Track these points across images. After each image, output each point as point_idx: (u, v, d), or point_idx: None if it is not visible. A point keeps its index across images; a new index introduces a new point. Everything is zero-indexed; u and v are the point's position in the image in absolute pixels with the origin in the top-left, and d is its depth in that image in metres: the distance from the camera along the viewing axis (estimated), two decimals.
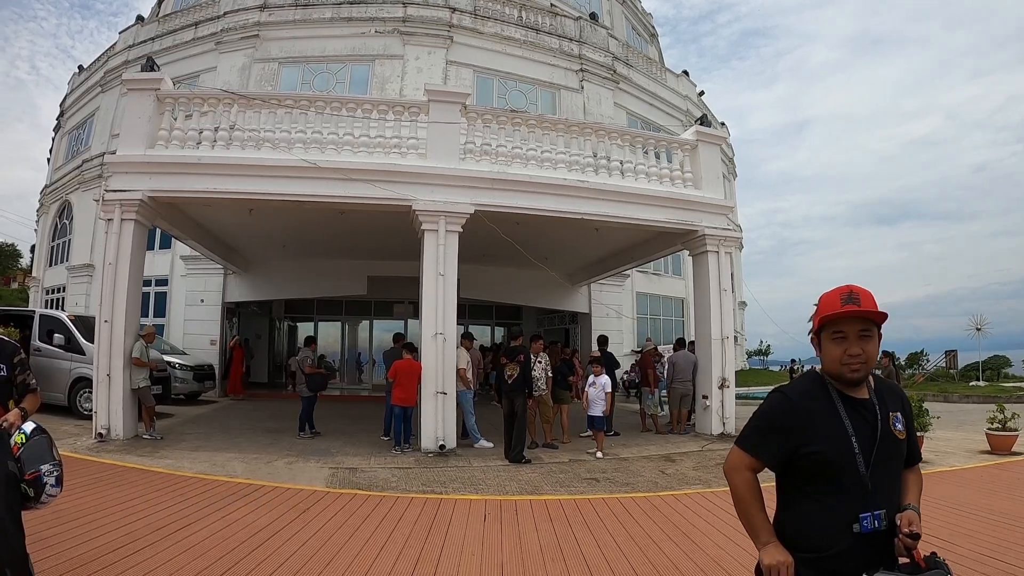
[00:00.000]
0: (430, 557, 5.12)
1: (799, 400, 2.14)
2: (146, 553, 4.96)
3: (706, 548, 5.38)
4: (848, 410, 2.10)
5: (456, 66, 21.30)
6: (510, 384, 10.22)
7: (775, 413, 2.18)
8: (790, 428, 2.11)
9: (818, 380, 2.20)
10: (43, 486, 3.15)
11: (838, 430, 2.07)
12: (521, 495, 7.49)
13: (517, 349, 10.64)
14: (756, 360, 45.79)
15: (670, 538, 5.69)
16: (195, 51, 22.48)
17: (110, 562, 4.68)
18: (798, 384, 2.27)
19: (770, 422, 2.18)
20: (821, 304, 2.15)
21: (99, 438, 9.95)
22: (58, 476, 3.23)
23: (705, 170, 12.73)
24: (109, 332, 10.25)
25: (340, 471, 8.63)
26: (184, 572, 4.60)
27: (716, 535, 5.77)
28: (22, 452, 3.15)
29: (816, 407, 2.11)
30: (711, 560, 5.06)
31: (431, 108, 11.04)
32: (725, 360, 12.24)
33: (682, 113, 27.18)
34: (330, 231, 14.65)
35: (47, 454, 3.22)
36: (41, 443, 3.24)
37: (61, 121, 29.85)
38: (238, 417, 14.23)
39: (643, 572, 4.83)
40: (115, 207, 10.40)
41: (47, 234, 28.17)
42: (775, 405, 2.19)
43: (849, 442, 2.05)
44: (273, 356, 24.78)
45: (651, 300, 25.84)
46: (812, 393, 2.16)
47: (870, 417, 2.10)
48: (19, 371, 3.51)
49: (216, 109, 11.16)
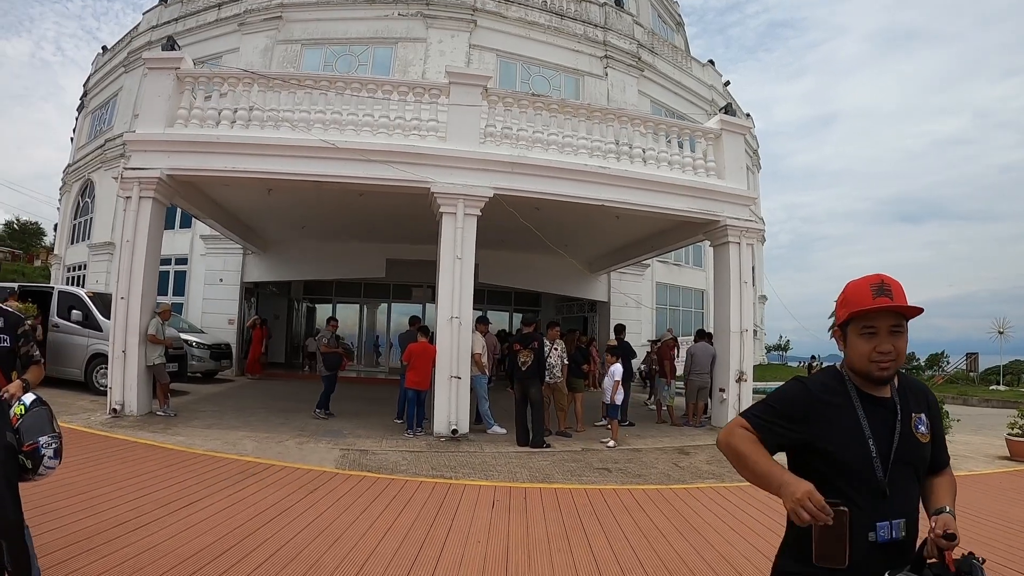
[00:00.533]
0: (435, 542, 5.06)
1: (818, 392, 2.00)
2: (151, 528, 4.96)
3: (716, 544, 5.26)
4: (867, 409, 1.96)
5: (479, 50, 21.10)
6: (524, 371, 10.24)
7: (790, 399, 2.04)
8: (802, 418, 1.97)
9: (837, 375, 2.06)
10: (41, 458, 3.14)
11: (854, 430, 1.93)
12: (531, 483, 7.40)
13: (531, 336, 10.57)
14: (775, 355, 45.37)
15: (680, 532, 5.57)
16: (218, 32, 22.48)
17: (114, 536, 4.68)
18: (817, 377, 2.11)
19: (783, 406, 2.04)
20: (848, 294, 1.98)
21: (113, 414, 10.01)
22: (56, 448, 3.22)
23: (728, 159, 12.48)
24: (125, 309, 10.30)
25: (351, 453, 8.60)
26: (186, 549, 4.58)
27: (727, 531, 5.65)
28: (21, 423, 3.14)
29: (834, 403, 1.98)
30: (720, 556, 4.94)
31: (452, 90, 10.92)
32: (743, 353, 12.05)
33: (707, 103, 26.81)
34: (349, 213, 14.61)
35: (46, 426, 3.21)
36: (40, 415, 3.22)
37: (84, 101, 30.15)
38: (253, 396, 14.27)
39: (650, 566, 4.72)
40: (133, 185, 10.44)
41: (69, 212, 28.58)
42: (793, 392, 2.06)
43: (866, 444, 1.91)
44: (291, 337, 24.86)
45: (671, 291, 25.60)
46: (831, 388, 2.02)
47: (890, 418, 1.97)
48: (23, 343, 3.45)
49: (236, 89, 11.11)
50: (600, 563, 4.74)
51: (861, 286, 1.95)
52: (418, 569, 4.44)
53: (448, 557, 4.73)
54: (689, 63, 27.87)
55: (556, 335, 11.14)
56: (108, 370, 10.46)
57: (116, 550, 4.40)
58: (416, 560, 4.62)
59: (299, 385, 17.13)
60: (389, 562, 4.55)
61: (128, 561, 4.25)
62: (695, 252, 26.31)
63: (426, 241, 11.19)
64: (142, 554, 4.42)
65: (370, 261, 19.21)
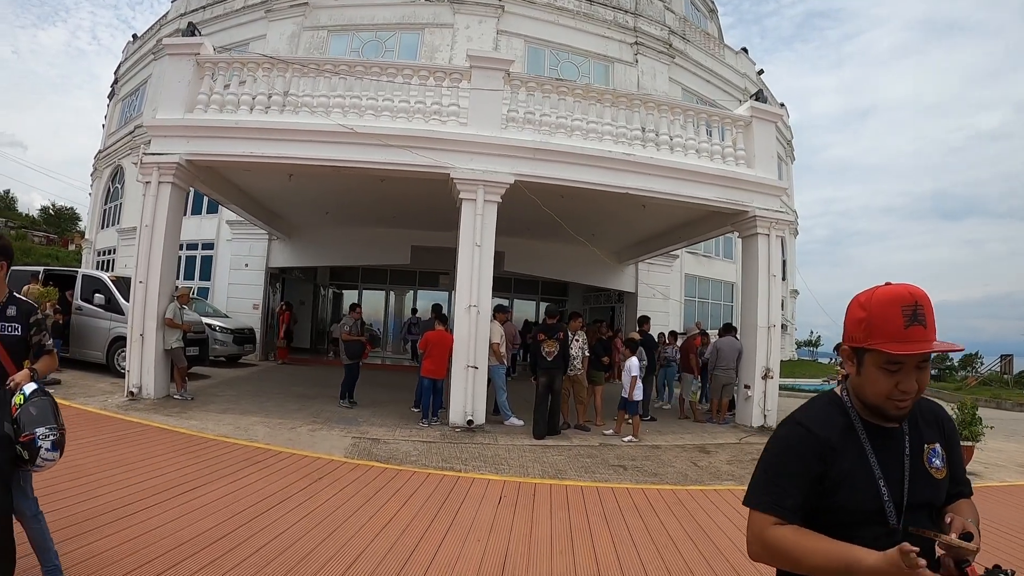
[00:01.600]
0: (433, 538, 4.89)
1: (821, 431, 1.66)
2: (151, 512, 4.93)
3: (727, 552, 4.97)
4: (874, 445, 1.65)
5: (507, 36, 20.79)
6: (549, 361, 10.11)
7: (792, 450, 1.69)
8: (811, 469, 1.64)
9: (837, 405, 1.74)
10: (37, 449, 3.07)
11: (863, 471, 1.62)
12: (542, 479, 7.19)
13: (556, 327, 10.43)
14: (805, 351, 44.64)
15: (690, 538, 5.30)
16: (245, 19, 22.48)
17: (114, 519, 4.67)
18: (814, 411, 1.76)
19: (787, 464, 1.68)
20: (874, 315, 1.61)
21: (130, 396, 10.05)
22: (55, 440, 3.14)
23: (759, 148, 12.05)
24: (144, 293, 10.33)
25: (362, 441, 8.48)
26: (183, 534, 4.53)
27: (740, 538, 5.28)
28: (19, 413, 3.08)
29: (839, 442, 1.65)
30: (730, 566, 4.66)
31: (473, 75, 10.70)
32: (770, 349, 11.66)
33: (739, 91, 26.18)
34: (372, 199, 14.52)
35: (46, 417, 3.13)
36: (40, 405, 3.15)
37: (115, 88, 30.67)
38: (273, 381, 14.27)
39: (654, 573, 4.48)
40: (153, 170, 10.45)
41: (100, 198, 29.18)
42: (791, 440, 1.71)
43: (877, 488, 1.61)
44: (316, 322, 24.92)
45: (700, 283, 25.13)
46: (832, 422, 1.69)
47: (899, 452, 1.66)
48: (35, 331, 3.38)
49: (256, 74, 11.03)
50: (602, 567, 4.52)
51: (890, 306, 1.59)
52: (410, 567, 4.27)
53: (444, 556, 4.54)
54: (722, 51, 27.25)
55: (578, 326, 10.92)
56: (126, 353, 10.46)
57: (111, 534, 4.36)
58: (410, 558, 4.44)
59: (322, 371, 17.13)
60: (382, 559, 4.38)
61: (123, 545, 4.22)
62: (726, 243, 25.80)
63: (451, 228, 11.03)
64: (137, 538, 4.37)
65: (395, 247, 19.08)
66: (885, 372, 1.59)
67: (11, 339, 3.27)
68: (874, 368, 1.61)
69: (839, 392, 1.77)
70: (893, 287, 1.63)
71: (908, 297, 1.58)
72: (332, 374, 15.77)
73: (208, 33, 18.66)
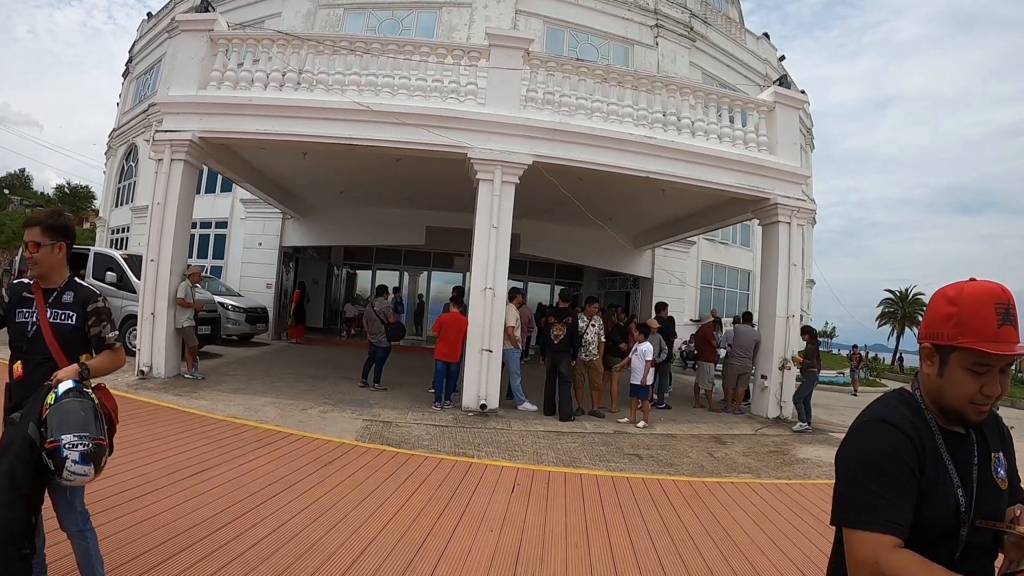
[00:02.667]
0: (444, 529, 4.76)
1: (915, 434, 1.48)
2: (154, 497, 4.81)
3: (746, 550, 4.81)
4: (951, 451, 1.49)
5: (526, 16, 20.48)
6: (556, 344, 10.19)
7: (894, 455, 1.45)
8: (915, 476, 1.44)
9: (915, 406, 1.55)
10: (63, 460, 2.58)
11: (945, 483, 1.46)
12: (556, 466, 7.06)
13: (566, 311, 10.38)
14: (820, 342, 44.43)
15: (708, 534, 5.13)
16: None
17: (115, 504, 4.52)
18: (895, 408, 1.55)
19: (892, 471, 1.44)
20: (966, 312, 1.45)
21: (140, 375, 10.00)
22: (84, 452, 2.62)
23: (782, 134, 11.78)
24: (155, 271, 10.27)
25: (374, 424, 8.39)
26: (184, 522, 4.39)
27: (758, 534, 5.19)
28: (48, 415, 2.64)
29: (929, 448, 1.48)
30: (750, 566, 4.49)
31: (492, 53, 10.48)
32: (789, 340, 11.46)
33: (761, 77, 25.77)
34: (387, 178, 14.38)
35: (75, 423, 2.63)
36: (69, 408, 2.67)
37: (130, 67, 30.68)
38: (285, 361, 14.21)
39: (672, 571, 4.32)
40: (165, 147, 10.37)
41: (114, 176, 29.38)
42: (890, 443, 1.47)
43: (955, 497, 1.45)
44: (330, 302, 24.87)
45: (716, 270, 24.86)
46: (916, 425, 1.50)
47: (969, 460, 1.50)
48: (92, 322, 2.98)
49: (270, 51, 10.88)
50: (618, 563, 4.37)
51: (984, 303, 1.43)
52: (420, 560, 4.14)
53: (455, 547, 4.41)
54: (743, 35, 26.78)
55: (594, 311, 10.80)
56: (137, 332, 10.38)
57: (109, 521, 4.17)
58: (420, 549, 4.31)
59: (335, 351, 17.11)
60: (391, 550, 4.25)
61: (120, 533, 4.05)
62: (743, 231, 25.53)
63: (466, 209, 10.91)
64: (137, 525, 4.22)
65: (410, 228, 19.03)
66: (971, 374, 1.45)
67: (64, 328, 2.92)
68: (959, 368, 1.47)
69: (913, 391, 1.60)
70: (984, 283, 1.47)
71: (1001, 294, 1.44)
72: (345, 354, 15.73)
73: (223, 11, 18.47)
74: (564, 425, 9.48)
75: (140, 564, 3.69)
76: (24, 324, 2.92)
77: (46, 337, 2.89)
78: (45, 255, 2.91)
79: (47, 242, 2.90)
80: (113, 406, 3.00)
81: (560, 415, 9.88)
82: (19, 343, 2.94)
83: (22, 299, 2.97)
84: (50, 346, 2.89)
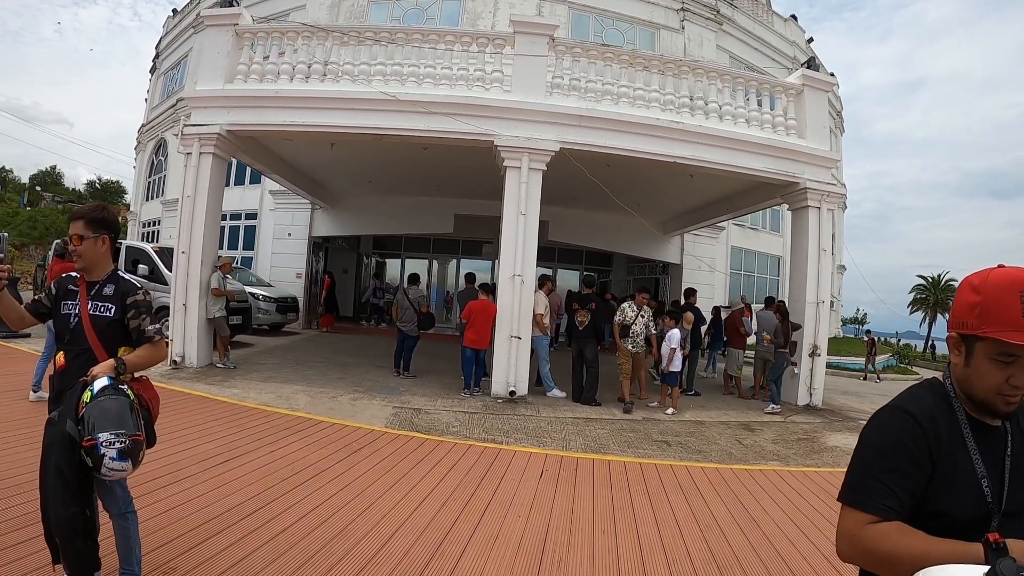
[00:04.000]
0: (472, 514, 4.81)
1: (929, 423, 1.48)
2: (184, 484, 4.90)
3: (773, 538, 4.77)
4: (978, 443, 1.47)
5: (550, 2, 20.37)
6: (580, 331, 10.35)
7: (897, 442, 1.49)
8: (918, 464, 1.46)
9: (942, 395, 1.55)
10: (101, 457, 2.63)
11: (967, 473, 1.45)
12: (585, 453, 7.08)
13: (588, 296, 10.47)
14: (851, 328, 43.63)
15: (735, 520, 5.11)
16: None
17: (146, 491, 4.56)
18: (920, 400, 1.55)
19: (889, 457, 1.48)
20: (989, 300, 1.42)
21: (173, 365, 10.20)
22: (122, 448, 2.66)
23: (811, 118, 11.59)
24: (186, 263, 10.46)
25: (403, 411, 8.47)
26: (215, 508, 4.48)
27: (787, 523, 5.14)
28: (85, 412, 2.69)
29: (946, 437, 1.47)
30: (778, 556, 4.44)
31: (516, 40, 10.45)
32: (819, 326, 11.33)
33: (788, 59, 25.38)
34: (415, 167, 14.48)
35: (110, 421, 2.67)
36: (105, 406, 2.70)
37: (156, 63, 31.13)
38: (315, 350, 14.37)
39: (700, 560, 4.29)
40: (194, 141, 10.55)
41: (144, 170, 29.95)
42: (896, 430, 1.50)
43: (980, 491, 1.43)
44: (359, 291, 25.01)
45: (746, 255, 24.64)
46: (939, 414, 1.51)
47: (1001, 453, 1.48)
48: (131, 315, 3.00)
49: (295, 43, 10.98)
50: (645, 551, 4.37)
51: (1008, 291, 1.40)
52: (448, 545, 4.19)
53: (482, 533, 4.45)
54: (770, 18, 26.37)
55: (643, 301, 10.61)
56: (170, 322, 10.54)
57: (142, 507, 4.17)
58: (448, 534, 4.36)
59: (365, 339, 17.28)
60: (419, 535, 4.31)
61: (154, 519, 4.13)
62: (772, 216, 25.26)
63: (494, 196, 10.93)
64: (170, 511, 4.33)
65: (438, 216, 19.15)
66: (997, 364, 1.42)
67: (103, 321, 2.97)
68: (985, 359, 1.44)
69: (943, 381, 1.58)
70: (1010, 269, 1.44)
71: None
72: (375, 342, 15.89)
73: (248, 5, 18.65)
74: (592, 411, 9.49)
75: (174, 547, 3.78)
76: (68, 316, 3.00)
77: (86, 329, 2.96)
78: (88, 248, 2.98)
79: (90, 235, 2.97)
80: (152, 396, 3.09)
81: (583, 399, 9.95)
82: (63, 334, 3.01)
83: (68, 291, 3.05)
84: (89, 338, 2.95)
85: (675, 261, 20.92)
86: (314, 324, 19.82)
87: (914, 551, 1.36)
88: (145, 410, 2.98)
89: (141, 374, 3.08)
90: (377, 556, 3.90)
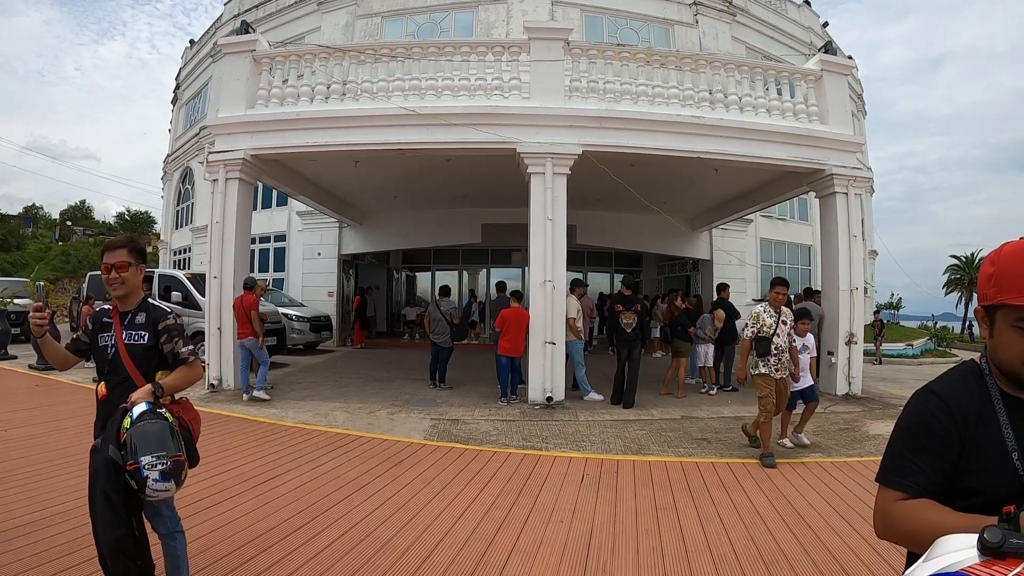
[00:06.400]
0: (515, 521, 4.82)
1: (956, 402, 1.49)
2: (228, 504, 5.00)
3: (820, 531, 4.69)
4: (1011, 418, 1.45)
5: (562, 6, 20.36)
6: (628, 333, 10.18)
7: (924, 423, 1.51)
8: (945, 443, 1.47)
9: (975, 373, 1.55)
10: (144, 479, 2.72)
11: (999, 449, 1.43)
12: (624, 455, 7.04)
13: (632, 298, 10.40)
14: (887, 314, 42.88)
15: (780, 515, 5.05)
16: (298, 14, 22.77)
17: (191, 512, 4.65)
18: (950, 380, 1.57)
19: (917, 437, 1.51)
20: (1004, 268, 1.43)
21: (211, 389, 10.37)
22: (164, 470, 2.75)
23: (832, 103, 11.42)
24: (219, 287, 10.62)
25: (442, 422, 8.51)
26: (260, 526, 4.56)
27: (832, 516, 5.05)
28: (126, 438, 2.77)
29: (975, 415, 1.47)
30: (824, 549, 4.37)
31: (532, 46, 10.48)
32: (854, 314, 11.16)
33: (805, 46, 25.06)
34: (440, 179, 14.56)
35: (151, 444, 2.75)
36: (145, 430, 2.78)
37: (177, 93, 31.72)
38: (350, 367, 14.52)
39: (746, 557, 4.24)
40: (219, 167, 10.75)
41: (172, 199, 30.54)
42: (923, 411, 1.53)
43: (1012, 467, 1.41)
44: (391, 306, 25.21)
45: (776, 247, 24.30)
46: (968, 391, 1.51)
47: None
48: (164, 340, 3.08)
49: (313, 65, 11.12)
50: (690, 550, 4.33)
51: (1020, 257, 1.41)
52: (492, 553, 4.20)
53: (526, 539, 4.45)
54: (783, 5, 26.05)
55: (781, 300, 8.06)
56: (205, 347, 10.69)
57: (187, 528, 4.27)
58: (492, 542, 4.38)
59: (399, 353, 17.38)
60: (463, 544, 4.33)
61: (200, 539, 4.20)
62: (800, 205, 24.87)
63: (520, 204, 10.94)
64: (216, 531, 4.43)
65: (465, 227, 19.23)
66: (1018, 331, 1.41)
67: (138, 348, 3.06)
68: (1006, 328, 1.44)
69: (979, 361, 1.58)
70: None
71: None
72: (409, 356, 15.96)
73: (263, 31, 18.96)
74: (631, 413, 9.45)
75: (221, 567, 3.86)
76: (105, 348, 3.10)
77: (123, 358, 3.05)
78: (132, 275, 3.08)
79: (133, 262, 3.07)
80: (193, 417, 3.18)
81: (624, 402, 9.89)
82: (103, 366, 3.11)
83: (103, 324, 3.16)
84: (127, 366, 3.04)
85: (705, 257, 20.75)
86: (348, 341, 19.97)
87: (936, 525, 1.35)
88: (186, 431, 3.06)
89: (181, 396, 3.18)
90: (421, 568, 3.92)
